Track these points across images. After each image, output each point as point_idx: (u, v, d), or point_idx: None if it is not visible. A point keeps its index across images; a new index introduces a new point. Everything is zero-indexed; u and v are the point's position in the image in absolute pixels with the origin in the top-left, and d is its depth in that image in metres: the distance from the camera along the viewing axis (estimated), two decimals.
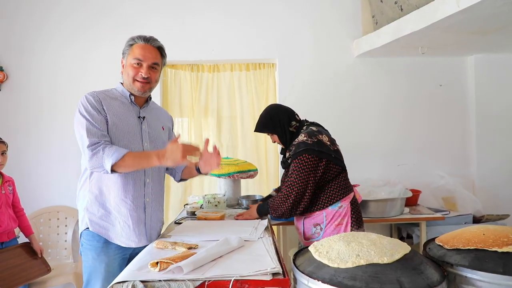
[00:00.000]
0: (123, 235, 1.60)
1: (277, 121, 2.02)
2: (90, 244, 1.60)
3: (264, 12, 3.30)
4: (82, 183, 1.65)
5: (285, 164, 2.07)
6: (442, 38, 2.72)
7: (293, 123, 2.03)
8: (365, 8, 3.29)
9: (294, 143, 1.93)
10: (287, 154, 2.02)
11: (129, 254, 1.65)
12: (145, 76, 1.62)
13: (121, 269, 1.59)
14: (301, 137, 1.91)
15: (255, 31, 3.30)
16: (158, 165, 1.50)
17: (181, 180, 1.99)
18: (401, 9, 2.68)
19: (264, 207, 1.99)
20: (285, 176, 2.06)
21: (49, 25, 3.24)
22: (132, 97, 1.67)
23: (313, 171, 1.85)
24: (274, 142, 2.11)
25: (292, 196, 1.84)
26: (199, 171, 1.84)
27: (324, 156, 1.86)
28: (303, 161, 1.84)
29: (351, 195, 1.96)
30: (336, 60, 3.33)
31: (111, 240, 1.60)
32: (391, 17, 2.82)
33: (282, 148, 2.15)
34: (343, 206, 1.91)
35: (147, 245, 1.60)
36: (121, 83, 1.70)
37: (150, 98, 1.78)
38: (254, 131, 2.13)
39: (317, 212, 1.91)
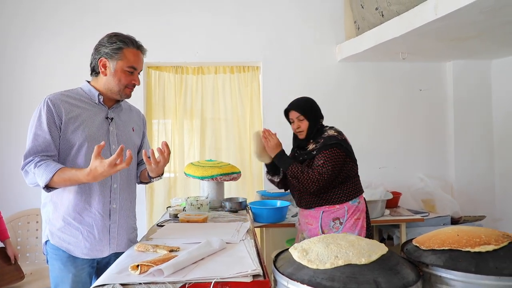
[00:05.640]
0: (87, 246, 1.51)
1: (317, 110, 2.14)
2: (56, 254, 1.53)
3: (249, 15, 3.33)
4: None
5: (305, 155, 2.06)
6: (422, 44, 2.80)
7: (321, 120, 2.16)
8: (347, 14, 3.35)
9: (323, 136, 2.04)
10: (311, 146, 2.07)
11: (98, 263, 1.59)
12: (137, 85, 1.60)
13: (90, 278, 1.56)
14: (331, 132, 2.05)
15: (240, 34, 3.32)
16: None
17: (141, 182, 1.80)
18: (382, 15, 2.74)
19: (287, 162, 2.01)
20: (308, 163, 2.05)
21: (33, 23, 3.19)
22: (101, 97, 1.57)
23: (342, 164, 1.99)
24: (298, 128, 2.10)
25: (321, 182, 1.93)
26: (150, 177, 1.67)
27: (348, 153, 2.03)
28: (334, 154, 1.97)
29: (363, 194, 2.14)
30: (320, 64, 3.38)
31: (71, 253, 1.51)
32: (373, 23, 2.88)
33: (297, 140, 2.14)
34: (361, 202, 2.07)
35: (114, 253, 1.56)
36: (88, 82, 1.60)
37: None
38: (290, 109, 2.12)
39: (338, 206, 2.03)
